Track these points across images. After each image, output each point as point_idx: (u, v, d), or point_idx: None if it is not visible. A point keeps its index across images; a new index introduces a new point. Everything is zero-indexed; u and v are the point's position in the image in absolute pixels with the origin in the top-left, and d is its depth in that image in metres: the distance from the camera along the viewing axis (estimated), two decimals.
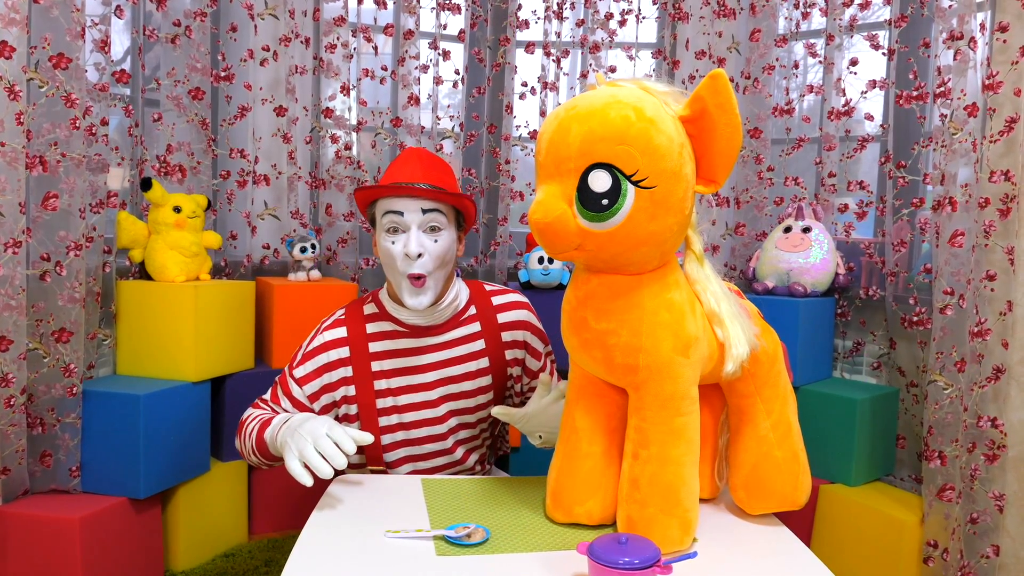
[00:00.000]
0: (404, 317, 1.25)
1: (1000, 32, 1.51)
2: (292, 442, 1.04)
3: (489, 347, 1.30)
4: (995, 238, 1.54)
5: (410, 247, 1.14)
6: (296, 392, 1.25)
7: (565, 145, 0.83)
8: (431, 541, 0.94)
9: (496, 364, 1.31)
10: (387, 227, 1.17)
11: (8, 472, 1.55)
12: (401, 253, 1.16)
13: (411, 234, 1.15)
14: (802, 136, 2.18)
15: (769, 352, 1.03)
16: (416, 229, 1.15)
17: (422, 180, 1.17)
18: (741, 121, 0.84)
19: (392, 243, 1.17)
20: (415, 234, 1.15)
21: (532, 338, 1.34)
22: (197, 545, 1.89)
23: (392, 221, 1.16)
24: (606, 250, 0.85)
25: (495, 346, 1.31)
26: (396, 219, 1.16)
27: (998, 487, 1.54)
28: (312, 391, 1.25)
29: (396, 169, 1.20)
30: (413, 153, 1.23)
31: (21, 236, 1.50)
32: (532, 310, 1.36)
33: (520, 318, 1.33)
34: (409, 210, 1.15)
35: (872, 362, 2.04)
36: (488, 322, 1.31)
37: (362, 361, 1.26)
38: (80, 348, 1.63)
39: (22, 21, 1.47)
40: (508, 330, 1.32)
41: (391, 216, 1.16)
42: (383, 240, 1.18)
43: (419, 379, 1.27)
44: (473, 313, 1.31)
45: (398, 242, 1.16)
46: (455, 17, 2.43)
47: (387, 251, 1.17)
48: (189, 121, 2.00)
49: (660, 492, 0.91)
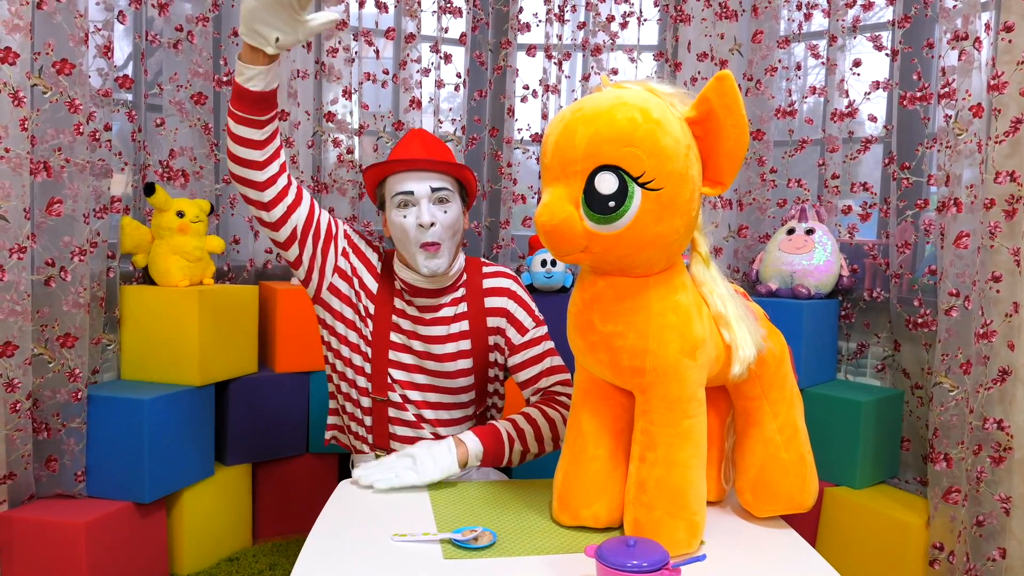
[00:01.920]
0: (409, 278, 1.29)
1: (1005, 32, 1.51)
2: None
3: (472, 326, 1.33)
4: (1001, 239, 1.54)
5: (423, 217, 1.21)
6: (336, 231, 1.28)
7: (571, 147, 0.83)
8: (438, 544, 0.94)
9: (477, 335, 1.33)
10: (398, 203, 1.23)
11: (14, 477, 1.55)
12: (414, 224, 1.22)
13: (422, 206, 1.22)
14: (805, 138, 2.17)
15: (776, 354, 1.02)
16: (427, 202, 1.22)
17: (425, 155, 1.24)
18: (748, 123, 0.84)
19: (404, 216, 1.23)
20: (426, 206, 1.22)
21: (516, 308, 1.35)
22: (201, 549, 1.89)
23: (403, 198, 1.23)
24: (613, 252, 0.85)
25: (478, 323, 1.34)
26: (407, 197, 1.22)
27: (1004, 489, 1.54)
28: (345, 245, 1.29)
29: (401, 149, 1.26)
30: (416, 134, 1.29)
31: (26, 242, 1.50)
32: (519, 283, 1.39)
33: (503, 285, 1.36)
34: (419, 189, 1.22)
35: (876, 364, 2.03)
36: (474, 297, 1.35)
37: (386, 298, 1.31)
38: (85, 353, 1.63)
39: (26, 27, 1.47)
40: (492, 295, 1.35)
41: (402, 195, 1.22)
42: (395, 215, 1.24)
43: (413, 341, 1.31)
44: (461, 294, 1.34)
45: (410, 215, 1.23)
46: (456, 20, 2.43)
47: (400, 225, 1.23)
48: (191, 126, 2.00)
49: (667, 495, 0.91)
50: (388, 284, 1.32)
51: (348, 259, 1.30)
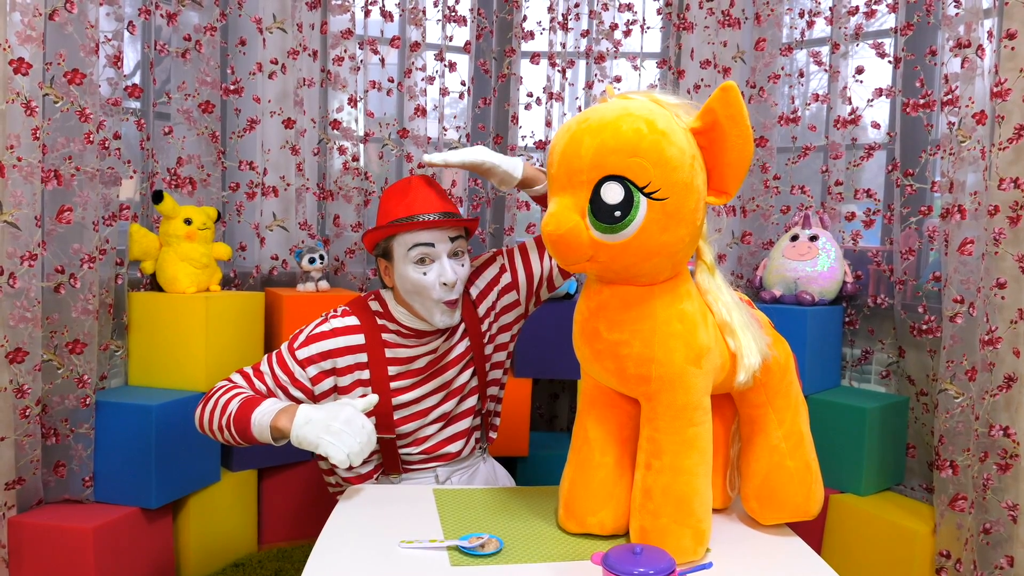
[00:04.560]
0: (415, 324, 1.28)
1: (1008, 39, 1.51)
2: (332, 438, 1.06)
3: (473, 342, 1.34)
4: (1005, 246, 1.54)
5: (448, 276, 1.19)
6: (296, 371, 1.24)
7: (577, 158, 0.84)
8: (445, 551, 0.94)
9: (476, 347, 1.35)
10: (416, 258, 1.20)
11: (23, 482, 1.56)
12: (436, 283, 1.19)
13: (444, 263, 1.20)
14: (808, 144, 2.18)
15: (781, 362, 1.03)
16: (446, 258, 1.20)
17: (441, 209, 1.20)
18: (752, 133, 0.85)
19: (424, 273, 1.20)
20: (448, 263, 1.20)
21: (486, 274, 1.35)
22: (207, 555, 1.89)
23: (422, 252, 1.19)
24: (618, 261, 0.86)
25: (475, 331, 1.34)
26: (427, 251, 1.19)
27: (1011, 497, 1.53)
28: (315, 373, 1.25)
29: (411, 201, 1.21)
30: (421, 183, 1.25)
31: (37, 249, 1.52)
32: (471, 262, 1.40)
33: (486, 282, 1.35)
34: (439, 241, 1.19)
35: (881, 370, 2.03)
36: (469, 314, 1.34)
37: (377, 350, 1.27)
38: (93, 359, 1.65)
39: (38, 38, 1.49)
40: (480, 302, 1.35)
41: (421, 248, 1.19)
42: (411, 271, 1.20)
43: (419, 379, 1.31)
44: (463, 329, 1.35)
45: (430, 272, 1.20)
46: (461, 29, 2.45)
47: (418, 281, 1.20)
48: (199, 134, 2.02)
49: (673, 502, 0.91)
50: (376, 336, 1.27)
51: (323, 382, 1.26)
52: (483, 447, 1.48)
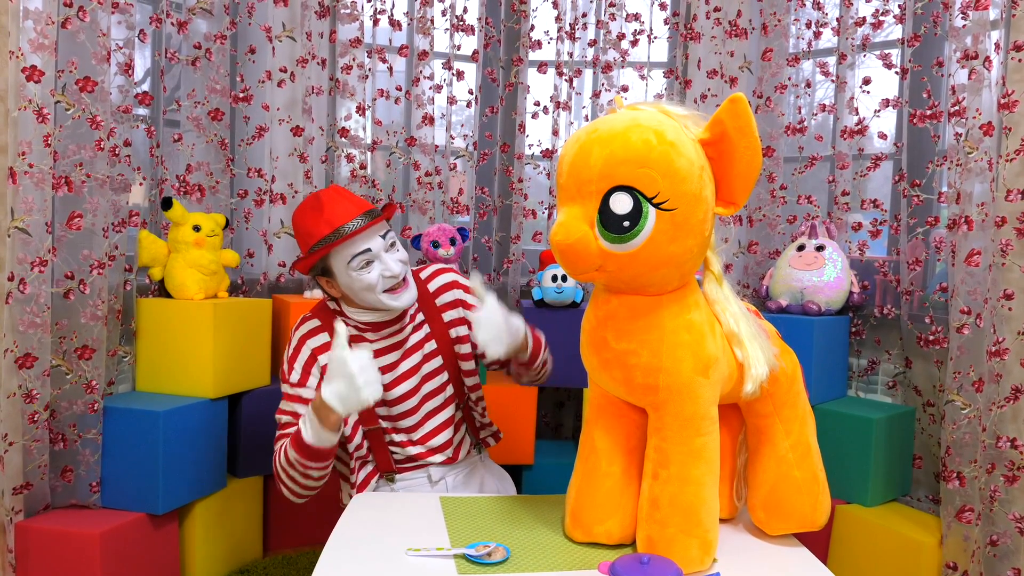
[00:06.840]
0: (368, 317, 1.34)
1: (1015, 51, 1.52)
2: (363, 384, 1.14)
3: (434, 329, 1.40)
4: (1012, 257, 1.54)
5: (392, 270, 1.26)
6: (305, 393, 1.31)
7: (587, 168, 0.84)
8: (452, 560, 0.94)
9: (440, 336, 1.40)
10: (360, 265, 1.26)
11: (31, 487, 1.57)
12: (379, 277, 1.26)
13: (385, 259, 1.26)
14: (815, 154, 2.18)
15: (788, 372, 1.03)
16: (385, 254, 1.27)
17: (360, 212, 1.26)
18: (760, 144, 0.85)
19: (369, 274, 1.26)
20: (388, 258, 1.27)
21: (464, 294, 1.42)
22: (213, 561, 1.89)
23: (363, 259, 1.25)
24: (627, 271, 0.86)
25: (437, 324, 1.40)
26: (367, 256, 1.25)
27: (1018, 509, 1.52)
28: (316, 381, 1.31)
29: (330, 216, 1.26)
30: (330, 194, 1.29)
31: (47, 255, 1.53)
32: (455, 271, 1.47)
33: (447, 280, 1.43)
34: (373, 243, 1.26)
35: (887, 381, 2.03)
36: (428, 306, 1.41)
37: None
38: (101, 365, 1.65)
39: (51, 46, 1.51)
40: (440, 295, 1.41)
41: (360, 256, 1.25)
42: (358, 276, 1.26)
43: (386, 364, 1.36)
44: (421, 319, 1.40)
45: (373, 271, 1.26)
46: (469, 38, 2.46)
47: (365, 281, 1.26)
48: (208, 141, 2.03)
49: (680, 512, 0.91)
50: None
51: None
52: (478, 448, 1.49)
